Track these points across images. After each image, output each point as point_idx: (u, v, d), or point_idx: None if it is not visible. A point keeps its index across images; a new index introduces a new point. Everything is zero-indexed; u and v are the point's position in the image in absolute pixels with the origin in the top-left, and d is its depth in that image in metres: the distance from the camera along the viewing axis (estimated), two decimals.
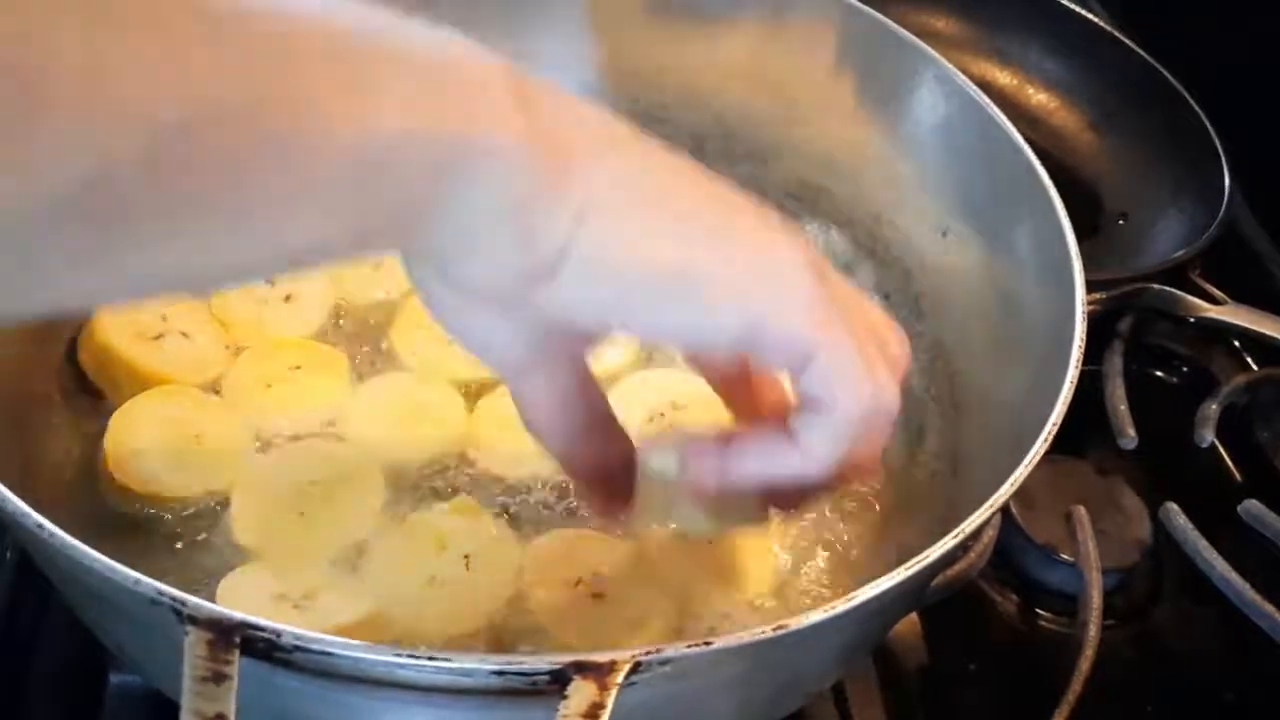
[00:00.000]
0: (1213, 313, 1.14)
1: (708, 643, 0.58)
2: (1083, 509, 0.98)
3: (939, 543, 0.66)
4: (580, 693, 0.55)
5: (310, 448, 0.86)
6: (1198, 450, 1.09)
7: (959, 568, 0.90)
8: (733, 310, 0.54)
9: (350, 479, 0.84)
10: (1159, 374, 1.21)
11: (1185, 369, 1.21)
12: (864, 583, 0.62)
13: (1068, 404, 0.73)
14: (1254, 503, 1.02)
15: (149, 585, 0.57)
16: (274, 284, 0.95)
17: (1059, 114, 1.40)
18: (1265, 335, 1.13)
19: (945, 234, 0.98)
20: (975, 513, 0.67)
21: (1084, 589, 0.94)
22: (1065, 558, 0.97)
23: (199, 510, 0.82)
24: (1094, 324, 0.82)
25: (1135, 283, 1.15)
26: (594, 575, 0.80)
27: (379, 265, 0.96)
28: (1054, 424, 0.72)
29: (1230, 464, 1.13)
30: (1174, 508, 1.00)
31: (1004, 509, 0.94)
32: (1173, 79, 1.32)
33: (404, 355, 0.93)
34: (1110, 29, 1.40)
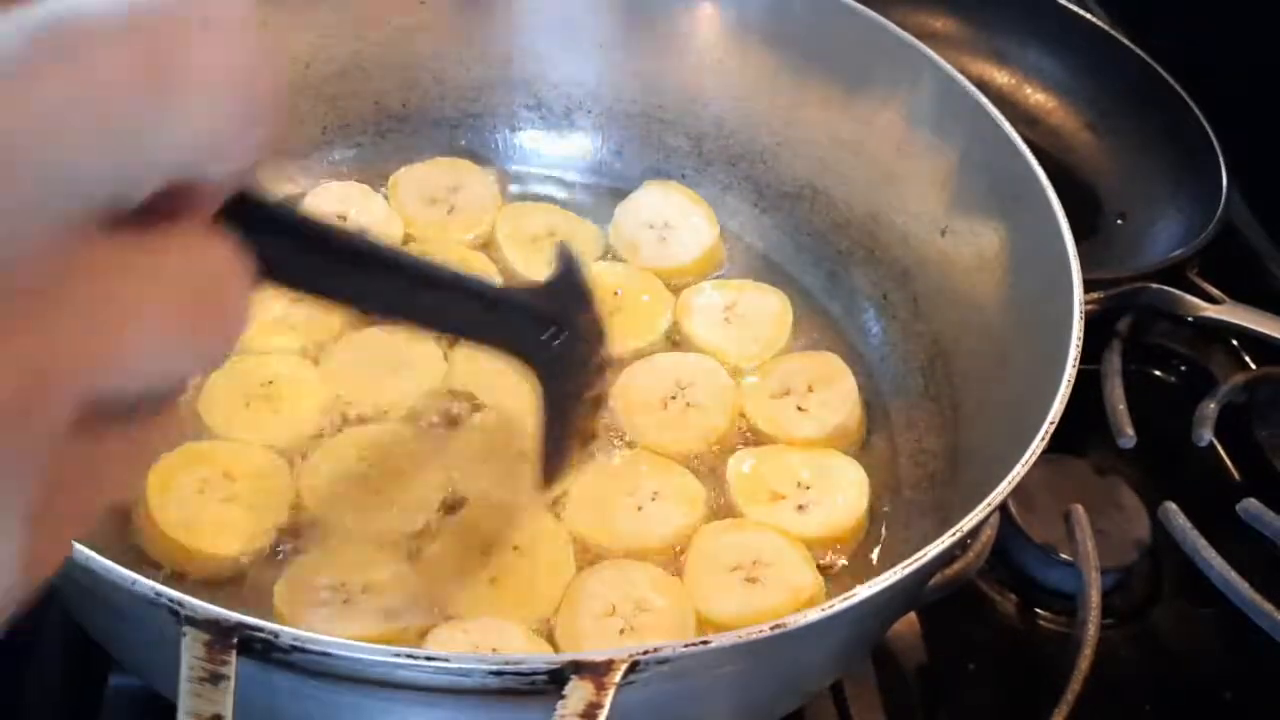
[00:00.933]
0: (1211, 312, 1.14)
1: (705, 642, 0.58)
2: (1081, 508, 0.98)
3: (936, 541, 0.66)
4: (578, 692, 0.55)
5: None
6: (1196, 449, 1.09)
7: (957, 567, 0.90)
8: None
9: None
10: (1157, 373, 1.21)
11: (1184, 368, 1.21)
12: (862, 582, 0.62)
13: (1066, 403, 0.73)
14: (1253, 501, 1.01)
15: (146, 585, 0.57)
16: (346, 219, 1.00)
17: (1057, 114, 1.40)
18: (1264, 334, 1.13)
19: (944, 233, 0.98)
20: (973, 511, 0.67)
21: (1083, 588, 0.94)
22: (1064, 557, 0.97)
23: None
24: (1092, 323, 0.82)
25: (1133, 282, 1.15)
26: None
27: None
28: (1052, 422, 0.72)
29: (1229, 463, 1.13)
30: (1173, 507, 1.00)
31: (1002, 508, 0.94)
32: (1170, 79, 1.32)
33: None
34: (1108, 29, 1.40)
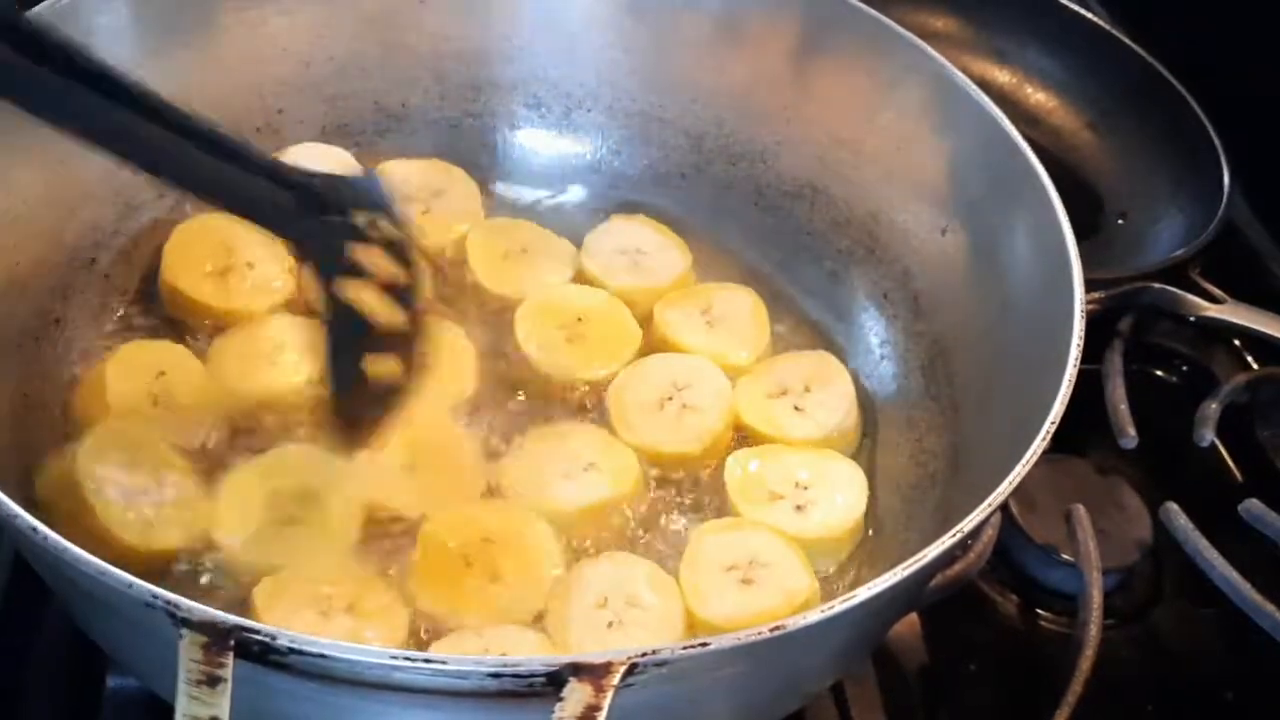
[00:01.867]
0: (1212, 311, 1.14)
1: (705, 644, 0.58)
2: (1082, 508, 0.98)
3: (937, 542, 0.66)
4: (576, 695, 0.55)
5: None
6: (1198, 449, 1.09)
7: (958, 567, 0.90)
8: None
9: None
10: (1159, 373, 1.21)
11: (1185, 368, 1.21)
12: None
13: (1066, 403, 0.73)
14: (1254, 502, 1.01)
15: (143, 588, 0.57)
16: None
17: (1058, 113, 1.40)
18: (1265, 334, 1.13)
19: (944, 233, 0.98)
20: (974, 512, 0.67)
21: (1084, 588, 0.94)
22: (1065, 557, 0.97)
23: None
24: (1094, 323, 0.81)
25: (1135, 282, 1.14)
26: None
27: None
28: (1052, 422, 0.72)
29: (1230, 463, 1.13)
30: (1174, 507, 1.00)
31: (1003, 508, 0.94)
32: (1171, 78, 1.32)
33: None
34: (1109, 28, 1.40)
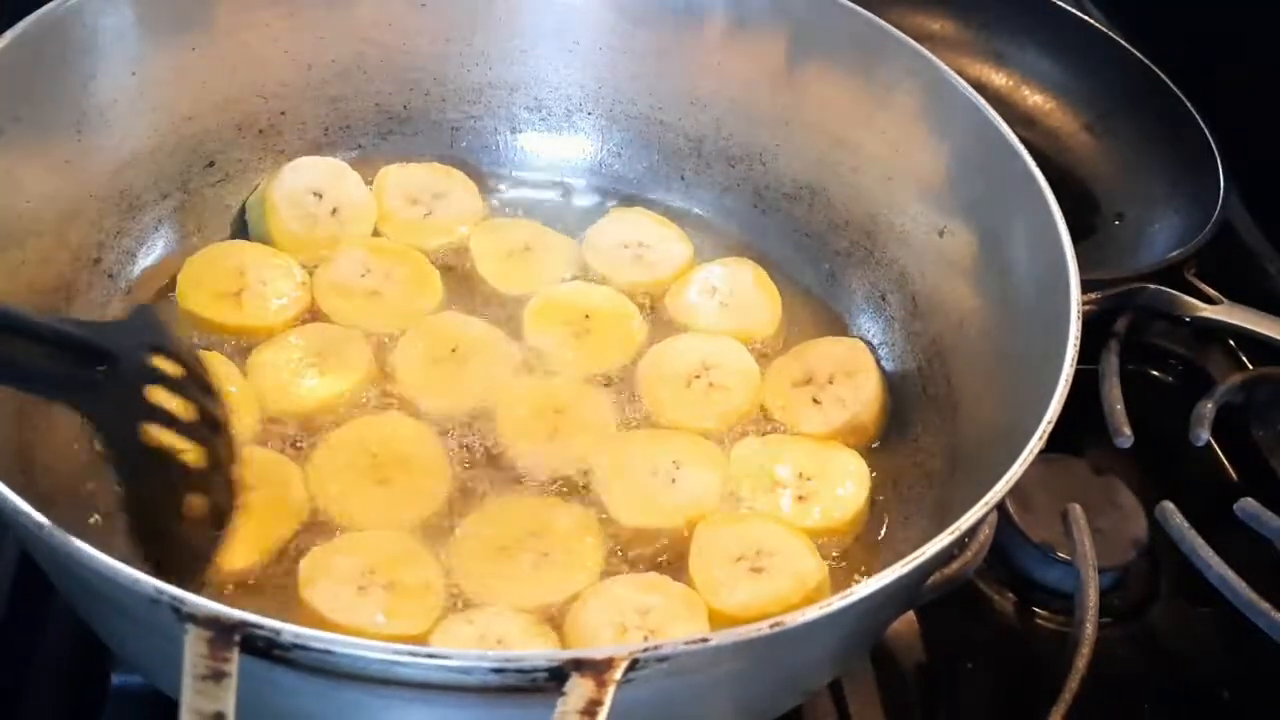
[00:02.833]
0: (1208, 312, 1.14)
1: (705, 639, 0.59)
2: (1079, 507, 0.98)
3: (934, 540, 0.66)
4: (578, 690, 0.56)
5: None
6: (1194, 449, 1.09)
7: (955, 566, 0.90)
8: None
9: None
10: (1155, 373, 1.22)
11: (1181, 368, 1.22)
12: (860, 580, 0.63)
13: (1063, 403, 0.74)
14: (1250, 501, 1.02)
15: (148, 584, 0.57)
16: (321, 196, 1.02)
17: (1055, 115, 1.40)
18: (1261, 334, 1.13)
19: (942, 234, 0.98)
20: (971, 510, 0.67)
21: (1080, 587, 0.94)
22: (1062, 556, 0.98)
23: None
24: (1090, 323, 0.82)
25: (1131, 282, 1.15)
26: None
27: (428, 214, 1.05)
28: (1049, 422, 0.72)
29: (1226, 462, 1.13)
30: (1170, 506, 1.00)
31: (1000, 507, 0.94)
32: (1169, 80, 1.32)
33: None
34: (1106, 30, 1.40)
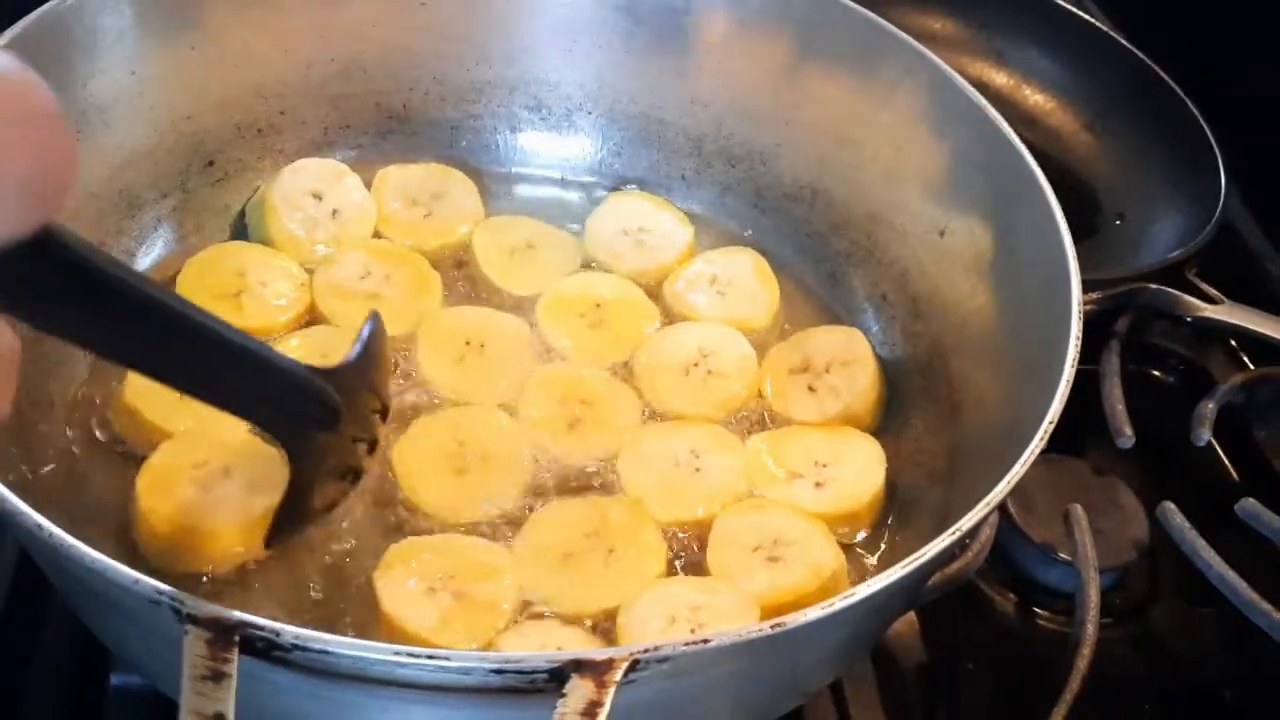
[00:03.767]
0: (1209, 312, 1.14)
1: (705, 640, 0.59)
2: (1080, 508, 0.98)
3: (935, 540, 0.66)
4: (578, 691, 0.56)
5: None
6: (1195, 449, 1.09)
7: (956, 566, 0.90)
8: None
9: None
10: (1156, 373, 1.22)
11: (1182, 368, 1.21)
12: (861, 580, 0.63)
13: (1064, 403, 0.74)
14: (1251, 501, 1.02)
15: (148, 584, 0.57)
16: (321, 198, 1.02)
17: (1056, 114, 1.40)
18: (1262, 334, 1.13)
19: (943, 234, 0.98)
20: (972, 511, 0.67)
21: (1081, 588, 0.94)
22: (1063, 556, 0.98)
23: None
24: (1091, 323, 0.82)
25: (1132, 282, 1.15)
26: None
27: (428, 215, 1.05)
28: (1050, 422, 0.72)
29: (1227, 463, 1.13)
30: (1171, 506, 1.00)
31: (1001, 508, 0.94)
32: (1169, 79, 1.32)
33: None
34: (1107, 30, 1.40)
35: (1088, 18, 1.42)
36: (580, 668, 0.56)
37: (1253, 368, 1.19)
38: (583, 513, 0.86)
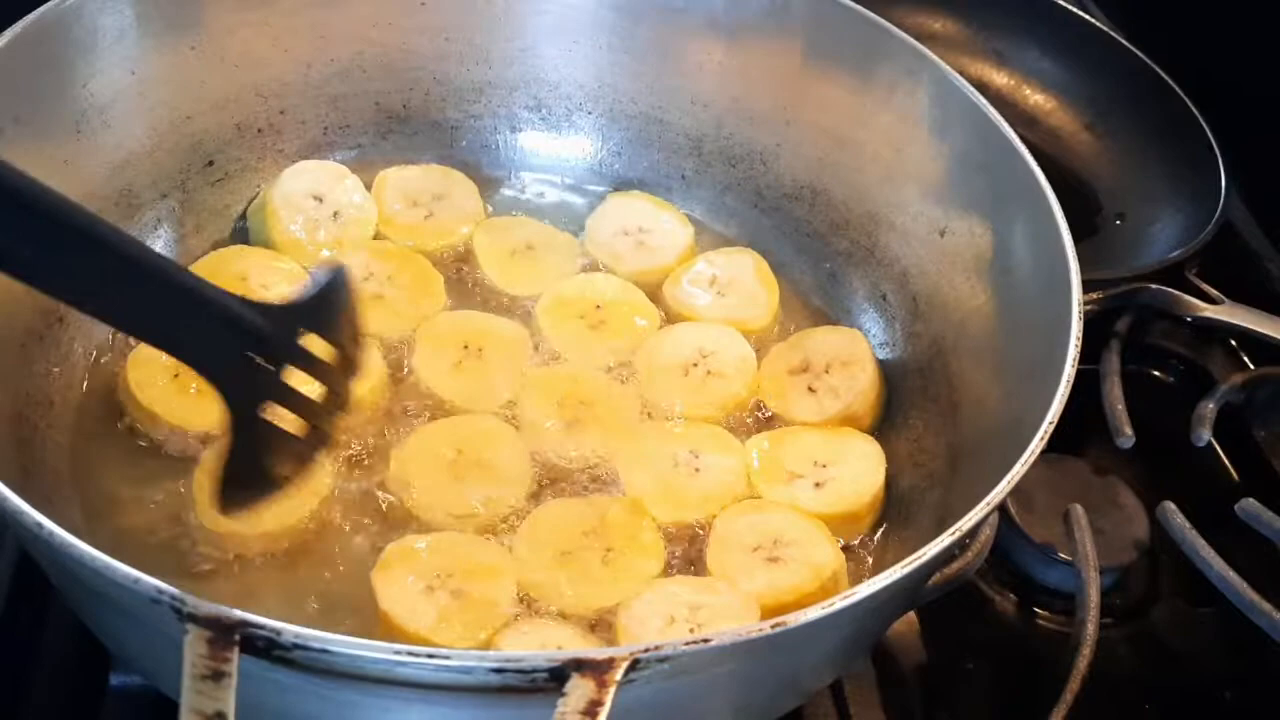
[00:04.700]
0: (1209, 312, 1.14)
1: (706, 640, 0.59)
2: (1080, 508, 0.98)
3: (935, 540, 0.66)
4: (578, 690, 0.56)
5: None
6: (1195, 449, 1.09)
7: (956, 566, 0.90)
8: None
9: None
10: (1156, 373, 1.21)
11: (1182, 368, 1.21)
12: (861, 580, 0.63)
13: (1064, 403, 0.74)
14: (1251, 501, 1.02)
15: (148, 584, 0.57)
16: (322, 200, 1.02)
17: (1056, 114, 1.40)
18: (1262, 334, 1.13)
19: (943, 234, 0.98)
20: (972, 511, 0.67)
21: (1081, 588, 0.94)
22: (1063, 556, 0.98)
23: None
24: (1091, 323, 0.82)
25: (1132, 282, 1.15)
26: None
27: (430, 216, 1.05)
28: (1050, 422, 0.72)
29: (1227, 463, 1.13)
30: (1171, 506, 1.00)
31: (1001, 508, 0.94)
32: (1169, 79, 1.32)
33: None
34: (1107, 30, 1.40)
35: (1088, 18, 1.42)
36: (581, 667, 0.56)
37: (1253, 368, 1.19)
38: (581, 512, 0.86)
